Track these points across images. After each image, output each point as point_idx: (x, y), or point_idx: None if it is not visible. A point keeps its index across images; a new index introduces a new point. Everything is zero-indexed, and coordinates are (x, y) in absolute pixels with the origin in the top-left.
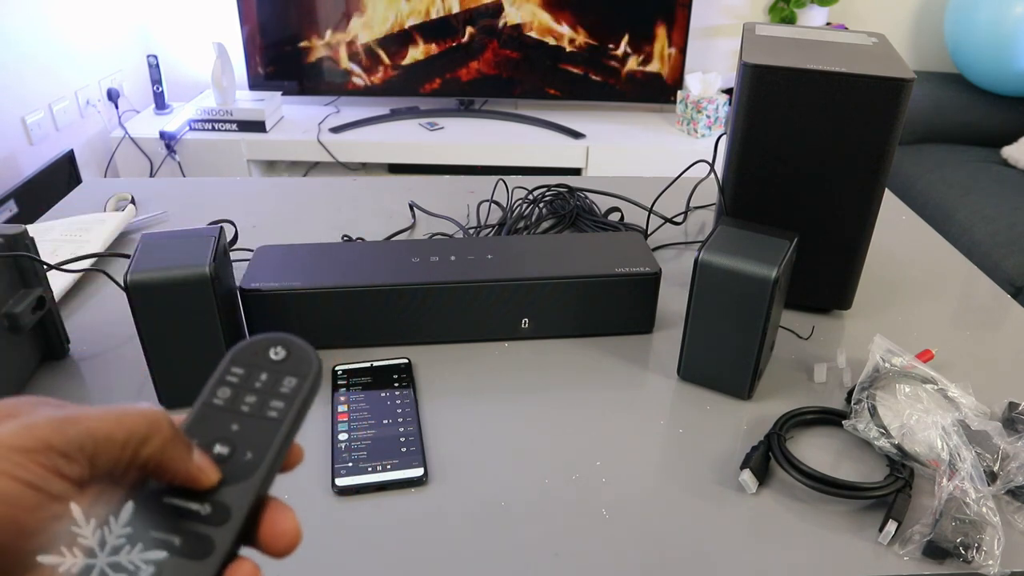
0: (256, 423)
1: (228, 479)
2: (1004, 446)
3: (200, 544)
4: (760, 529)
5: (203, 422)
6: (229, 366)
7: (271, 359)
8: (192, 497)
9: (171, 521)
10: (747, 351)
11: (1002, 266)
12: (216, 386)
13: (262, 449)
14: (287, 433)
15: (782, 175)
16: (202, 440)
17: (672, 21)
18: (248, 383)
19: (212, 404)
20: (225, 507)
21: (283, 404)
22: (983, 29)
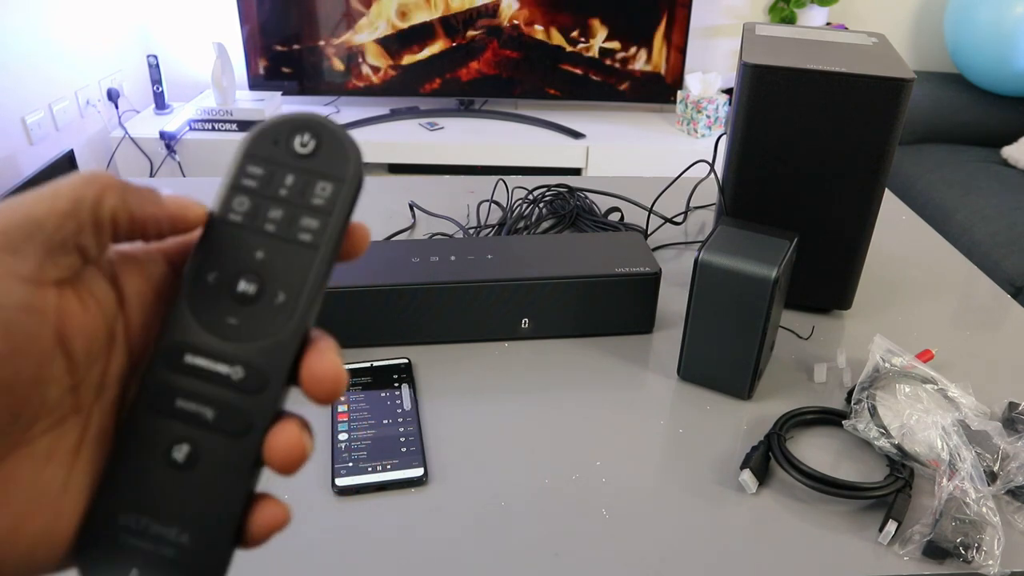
0: (286, 249)
1: (259, 331)
2: (1004, 446)
3: (234, 418)
4: (760, 529)
5: (218, 246)
6: (245, 163)
7: (297, 153)
8: (219, 356)
9: (199, 388)
10: (747, 351)
11: (1002, 266)
12: (231, 194)
13: (297, 288)
14: (326, 264)
15: (782, 175)
16: (220, 274)
17: (672, 21)
18: (271, 189)
19: (228, 221)
20: (260, 371)
21: (318, 222)
22: (983, 29)
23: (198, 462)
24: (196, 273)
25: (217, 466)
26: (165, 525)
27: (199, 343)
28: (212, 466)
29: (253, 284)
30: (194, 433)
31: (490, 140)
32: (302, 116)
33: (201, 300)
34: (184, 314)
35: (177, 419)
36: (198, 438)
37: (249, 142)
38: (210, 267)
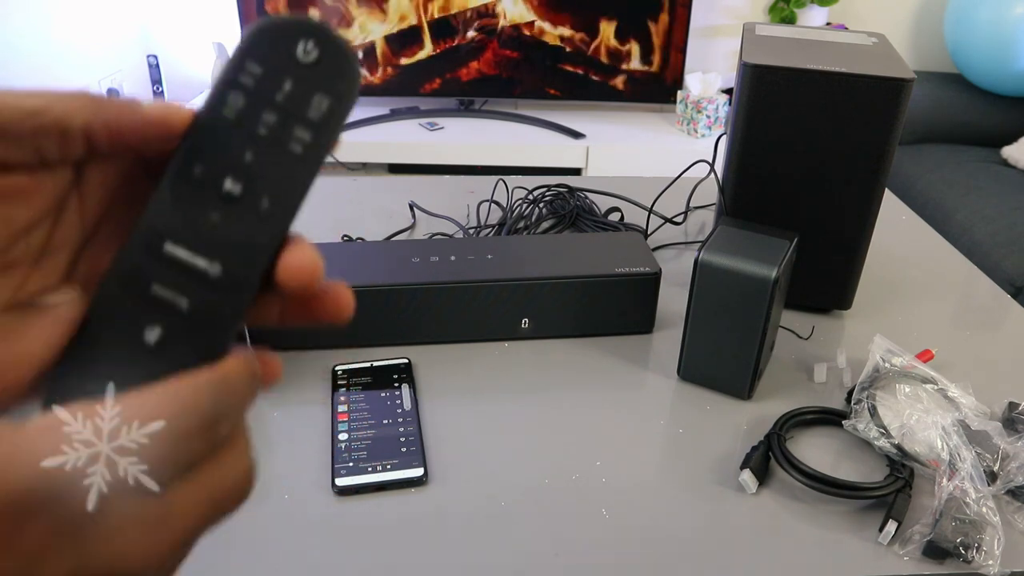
0: (275, 156)
1: (240, 232)
2: (1004, 446)
3: (208, 312)
4: (760, 529)
5: (210, 138)
6: (243, 59)
7: (299, 60)
8: (199, 249)
9: (176, 277)
10: (747, 351)
11: (1002, 266)
12: (226, 88)
13: (282, 197)
14: (312, 178)
15: (782, 175)
16: (209, 165)
17: (672, 21)
18: (267, 92)
19: (221, 116)
20: (234, 270)
21: (310, 136)
22: (983, 29)
23: (166, 346)
24: (184, 162)
25: (184, 354)
26: None
27: (181, 234)
28: (179, 353)
29: (239, 184)
30: (167, 319)
31: (490, 140)
32: (308, 21)
33: (186, 191)
34: (168, 202)
35: (151, 303)
36: (170, 325)
37: (252, 37)
38: (198, 159)
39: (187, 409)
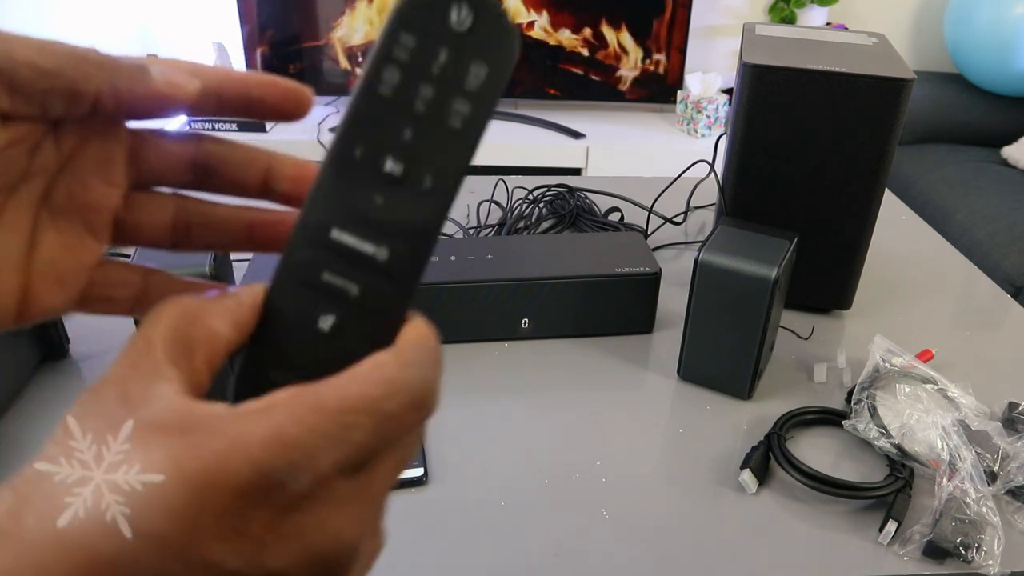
0: (435, 133)
1: (405, 213)
2: (1004, 446)
3: (378, 297)
4: (760, 529)
5: (367, 120)
6: (398, 31)
7: (453, 28)
8: (366, 234)
9: (344, 264)
10: (747, 351)
11: (1002, 266)
12: (380, 64)
13: (444, 174)
14: (472, 152)
15: (782, 175)
16: (369, 148)
17: (672, 21)
18: (423, 65)
19: (377, 94)
20: (402, 254)
21: (469, 108)
22: (983, 29)
23: (341, 332)
24: (343, 146)
25: (359, 337)
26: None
27: (346, 220)
28: (354, 337)
29: (400, 164)
30: (339, 306)
31: (490, 140)
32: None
33: (348, 175)
34: (331, 188)
35: (323, 291)
36: (343, 311)
37: (403, 6)
38: (357, 141)
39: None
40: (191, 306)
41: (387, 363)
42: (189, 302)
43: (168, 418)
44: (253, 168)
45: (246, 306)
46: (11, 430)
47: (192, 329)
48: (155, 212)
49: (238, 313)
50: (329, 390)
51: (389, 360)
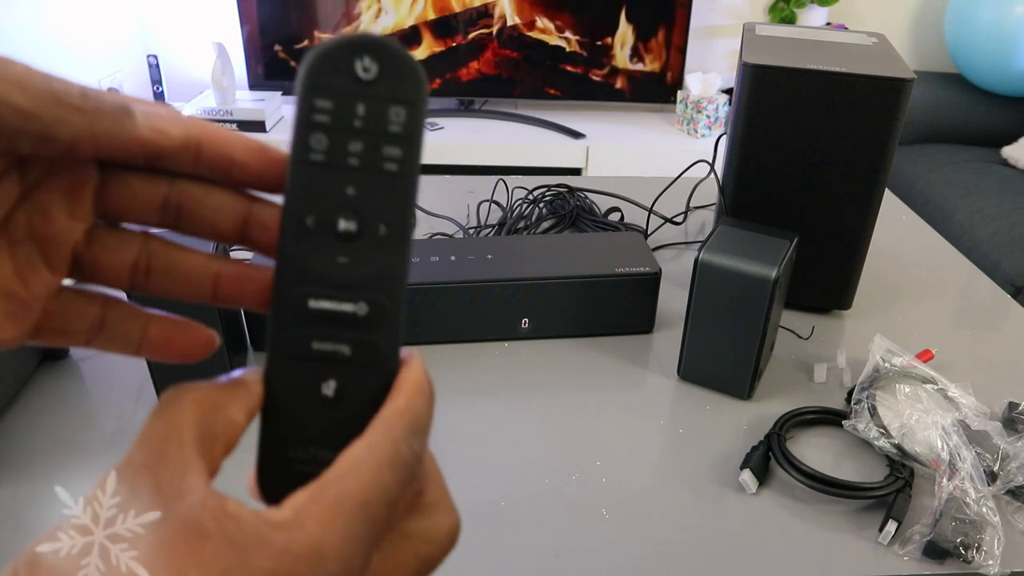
0: (375, 181)
1: (370, 265)
2: (1004, 446)
3: (369, 350)
4: (760, 529)
5: (308, 188)
6: (311, 98)
7: (361, 79)
8: (340, 296)
9: (329, 329)
10: (747, 351)
11: (1002, 266)
12: (305, 132)
13: (395, 217)
14: (415, 187)
15: (782, 175)
16: (319, 213)
17: (672, 21)
18: (344, 122)
19: (310, 161)
20: (379, 303)
21: (399, 150)
22: (983, 29)
23: (345, 393)
24: (294, 219)
25: (362, 393)
26: (331, 450)
27: (318, 288)
28: (358, 394)
29: (353, 221)
30: (336, 369)
31: (490, 140)
32: (356, 39)
33: (307, 245)
34: (294, 260)
35: (317, 360)
36: (341, 373)
37: (309, 74)
38: (306, 211)
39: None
40: (214, 397)
41: (381, 443)
42: (211, 392)
43: (206, 520)
44: (228, 215)
45: (255, 395)
46: (11, 430)
47: (215, 421)
48: (116, 251)
49: (251, 403)
50: (346, 484)
51: (382, 438)
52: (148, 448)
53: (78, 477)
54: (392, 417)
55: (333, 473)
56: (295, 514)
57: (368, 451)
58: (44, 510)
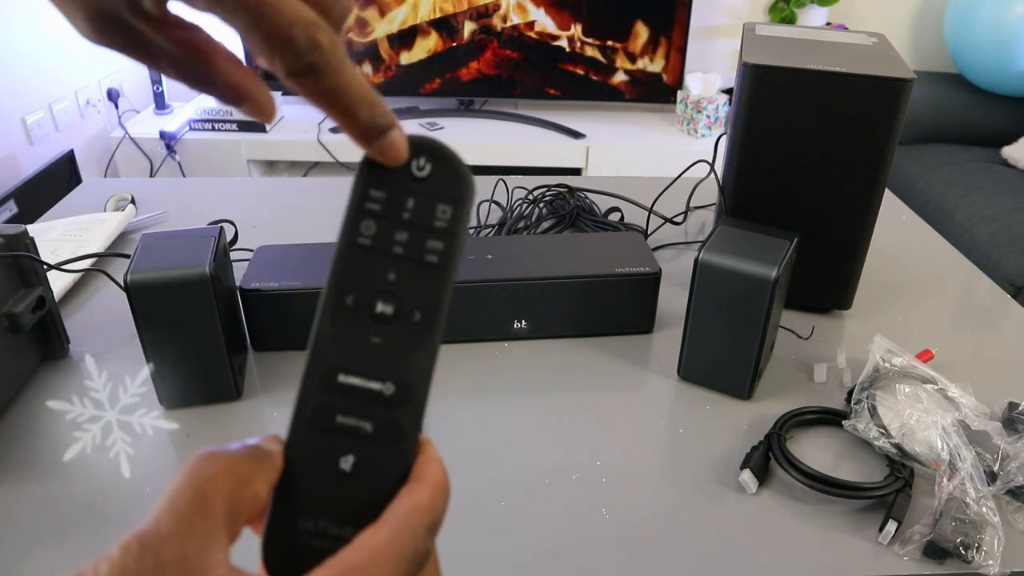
0: (415, 270)
1: (401, 348)
2: (1004, 446)
3: (391, 429)
4: (760, 529)
5: (353, 269)
6: (366, 187)
7: (414, 176)
8: (370, 374)
9: (355, 404)
10: (747, 351)
11: (1002, 266)
12: (357, 217)
13: (431, 306)
14: (452, 280)
15: (782, 175)
16: (359, 294)
17: (672, 21)
18: (394, 212)
19: (358, 244)
20: (406, 384)
21: (442, 244)
22: (983, 29)
23: (362, 469)
24: (335, 296)
25: (379, 471)
26: (340, 526)
27: (350, 364)
28: (375, 471)
29: (390, 305)
30: (356, 444)
31: (490, 140)
32: (417, 140)
33: (344, 322)
34: (331, 336)
35: (339, 433)
36: (360, 448)
37: (369, 166)
38: (348, 290)
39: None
40: (244, 469)
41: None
42: (242, 464)
43: None
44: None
45: (278, 468)
46: (11, 430)
47: (242, 495)
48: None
49: (274, 477)
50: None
51: (405, 533)
52: (176, 515)
53: (78, 477)
54: (415, 512)
55: (352, 558)
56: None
57: (389, 544)
58: (44, 510)
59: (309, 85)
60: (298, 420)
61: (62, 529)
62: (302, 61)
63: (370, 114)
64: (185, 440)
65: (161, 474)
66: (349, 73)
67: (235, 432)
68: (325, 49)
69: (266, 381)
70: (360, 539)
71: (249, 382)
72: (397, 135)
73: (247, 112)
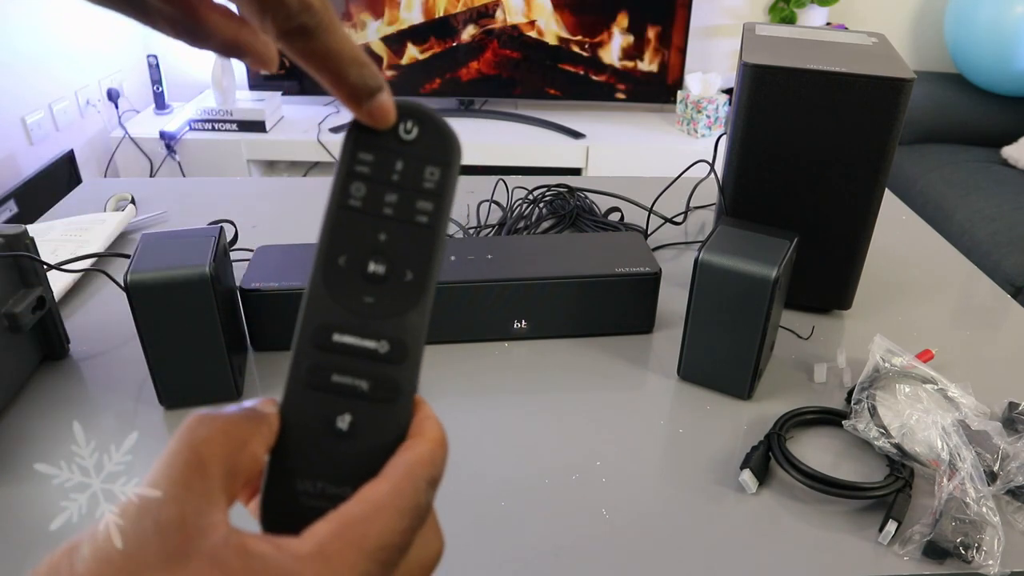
0: (406, 231)
1: (395, 306)
2: (1004, 446)
3: (387, 387)
4: (760, 529)
5: (345, 230)
6: (355, 151)
7: (402, 139)
8: (364, 332)
9: (350, 363)
10: (747, 351)
11: (1002, 266)
12: (346, 180)
13: (423, 265)
14: (442, 240)
15: (782, 175)
16: (351, 254)
17: (672, 21)
18: (383, 175)
19: (349, 207)
20: (403, 342)
21: (431, 204)
22: (983, 29)
23: (359, 428)
24: (327, 257)
25: (376, 429)
26: (338, 485)
27: (344, 322)
28: (372, 430)
29: (382, 265)
30: (353, 403)
31: (490, 140)
32: (404, 104)
33: (337, 282)
34: (324, 296)
35: (335, 393)
36: (357, 407)
37: (356, 129)
38: (340, 251)
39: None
40: (240, 431)
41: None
42: (238, 425)
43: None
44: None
45: (274, 430)
46: (11, 430)
47: (240, 457)
48: None
49: (271, 439)
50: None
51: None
52: (173, 477)
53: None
54: (417, 466)
55: (356, 511)
56: (319, 548)
57: (392, 496)
58: (44, 510)
59: (300, 46)
60: (293, 381)
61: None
62: (293, 22)
63: (360, 76)
64: None
65: None
66: (340, 35)
67: None
68: (316, 10)
69: (266, 381)
70: (362, 492)
71: (249, 382)
72: (386, 98)
73: (250, 64)
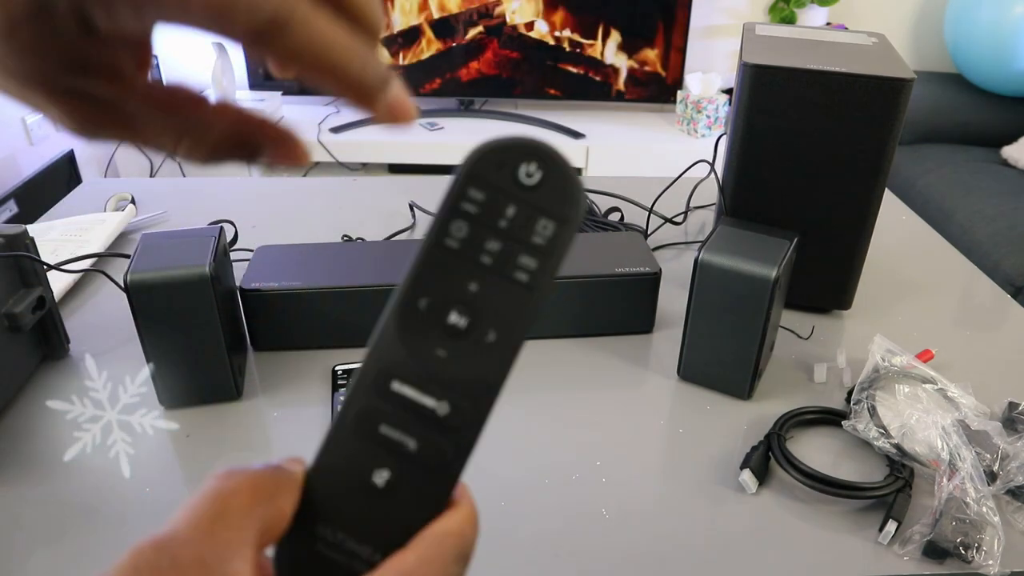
0: (501, 286)
1: (467, 368)
2: (1004, 446)
3: (435, 453)
4: (760, 529)
5: (434, 271)
6: (466, 185)
7: (521, 182)
8: (426, 388)
9: (403, 417)
10: (747, 351)
11: (1002, 266)
12: (449, 216)
13: (509, 329)
14: (539, 306)
15: (782, 175)
16: (432, 302)
17: (672, 21)
18: (491, 218)
19: (444, 246)
20: (464, 410)
21: (536, 263)
22: (983, 29)
23: (395, 488)
24: (407, 296)
25: (412, 495)
26: (359, 543)
27: (407, 371)
28: (407, 494)
29: (464, 317)
30: (395, 461)
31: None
32: (531, 143)
33: (411, 326)
34: (394, 339)
35: (379, 445)
36: (398, 466)
37: (473, 162)
38: (422, 292)
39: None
40: (266, 486)
41: (435, 564)
42: (264, 482)
43: None
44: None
45: (299, 488)
46: (11, 430)
47: (267, 510)
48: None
49: (296, 496)
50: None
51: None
52: (196, 525)
53: (78, 477)
54: (447, 537)
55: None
56: None
57: (419, 567)
58: (44, 510)
59: (278, 46)
60: (340, 422)
61: (62, 529)
62: (260, 15)
63: (361, 68)
64: (185, 440)
65: (161, 474)
66: (322, 24)
67: (235, 432)
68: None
69: (266, 381)
70: (388, 563)
71: (249, 382)
72: (400, 91)
73: (274, 162)
